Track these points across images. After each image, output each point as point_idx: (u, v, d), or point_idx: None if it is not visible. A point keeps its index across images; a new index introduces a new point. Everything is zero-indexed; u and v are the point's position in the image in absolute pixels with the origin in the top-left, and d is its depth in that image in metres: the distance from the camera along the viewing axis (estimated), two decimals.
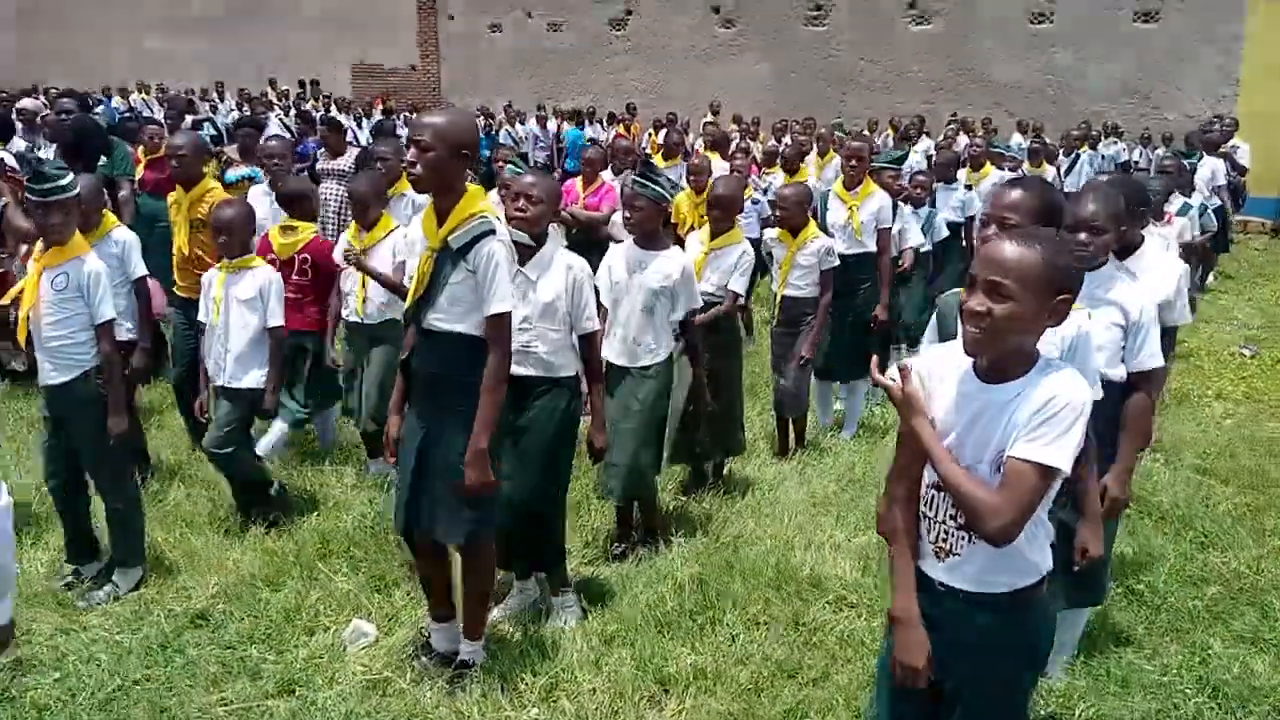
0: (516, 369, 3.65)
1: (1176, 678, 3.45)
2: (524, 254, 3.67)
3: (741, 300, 4.99)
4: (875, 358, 2.34)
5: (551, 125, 18.45)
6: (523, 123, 18.38)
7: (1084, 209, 3.13)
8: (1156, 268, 3.82)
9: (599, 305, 4.30)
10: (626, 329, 4.23)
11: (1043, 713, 3.26)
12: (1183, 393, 7.25)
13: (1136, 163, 13.80)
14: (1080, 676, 3.45)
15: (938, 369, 2.17)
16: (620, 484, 4.21)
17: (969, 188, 8.47)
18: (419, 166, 3.02)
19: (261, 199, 5.77)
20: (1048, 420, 1.97)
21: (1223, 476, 5.47)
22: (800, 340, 5.48)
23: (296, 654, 3.57)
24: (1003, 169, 9.64)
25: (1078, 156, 11.97)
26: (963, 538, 2.12)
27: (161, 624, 3.73)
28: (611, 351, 4.27)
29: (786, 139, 14.03)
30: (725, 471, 5.29)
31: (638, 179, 4.24)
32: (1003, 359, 2.06)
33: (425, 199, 3.25)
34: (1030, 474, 1.97)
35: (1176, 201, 7.62)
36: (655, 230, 4.31)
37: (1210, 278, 11.29)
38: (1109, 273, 3.27)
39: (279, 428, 5.32)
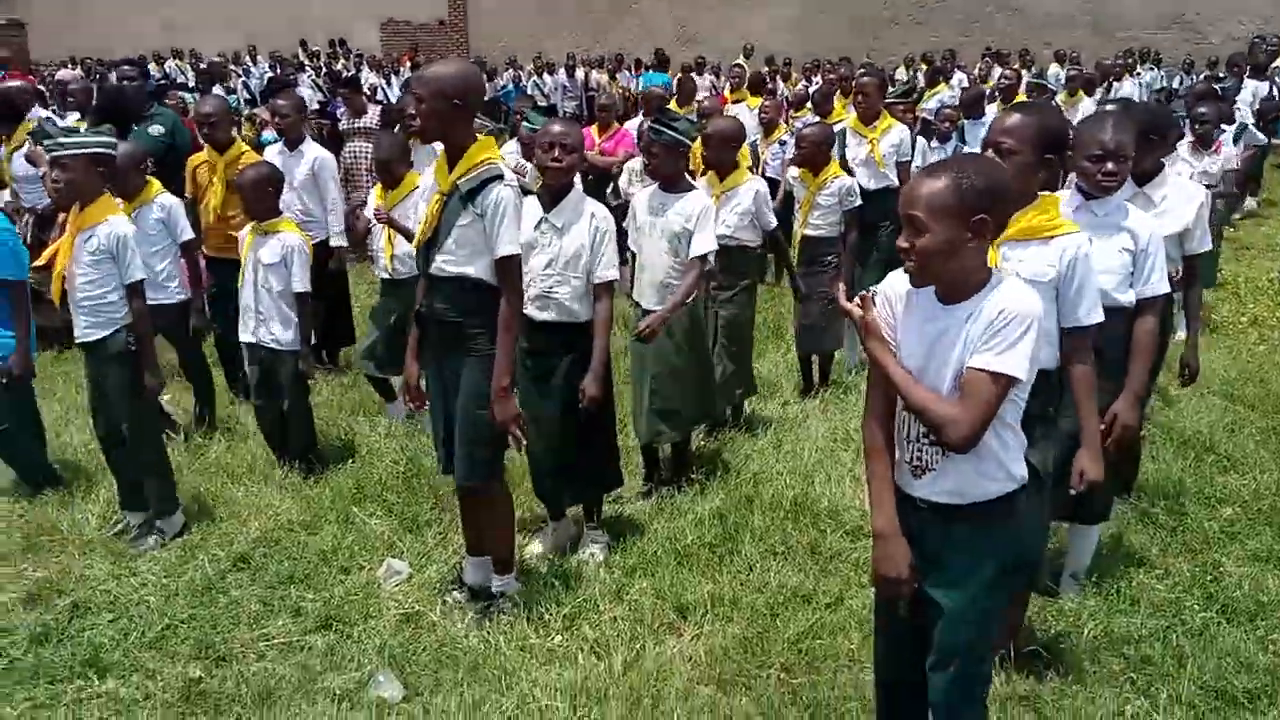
0: (540, 314, 3.77)
1: (1186, 595, 3.51)
2: (551, 201, 3.76)
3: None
4: (842, 284, 2.40)
5: (580, 74, 18.37)
6: (551, 73, 18.32)
7: (1112, 139, 3.11)
8: (1177, 195, 3.80)
9: (626, 249, 4.40)
10: (653, 272, 4.30)
11: (1052, 631, 3.34)
12: (1217, 321, 7.17)
13: (1176, 90, 13.44)
14: (1090, 596, 3.51)
15: (903, 291, 2.24)
16: (667, 423, 4.34)
17: None
18: (418, 118, 3.14)
19: (274, 156, 5.87)
20: (999, 331, 2.06)
21: (1250, 402, 5.44)
22: (825, 278, 5.51)
23: (334, 592, 3.74)
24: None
25: (1110, 86, 11.68)
26: (937, 452, 2.20)
27: (206, 568, 3.92)
28: (641, 294, 4.36)
29: (817, 79, 13.87)
30: (748, 410, 5.37)
31: (653, 125, 4.28)
32: (952, 283, 2.14)
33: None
34: (986, 382, 2.06)
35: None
36: (677, 174, 4.33)
37: (1253, 203, 11.05)
38: (1118, 200, 3.27)
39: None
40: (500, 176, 3.20)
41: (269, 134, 7.17)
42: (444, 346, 3.37)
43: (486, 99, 11.16)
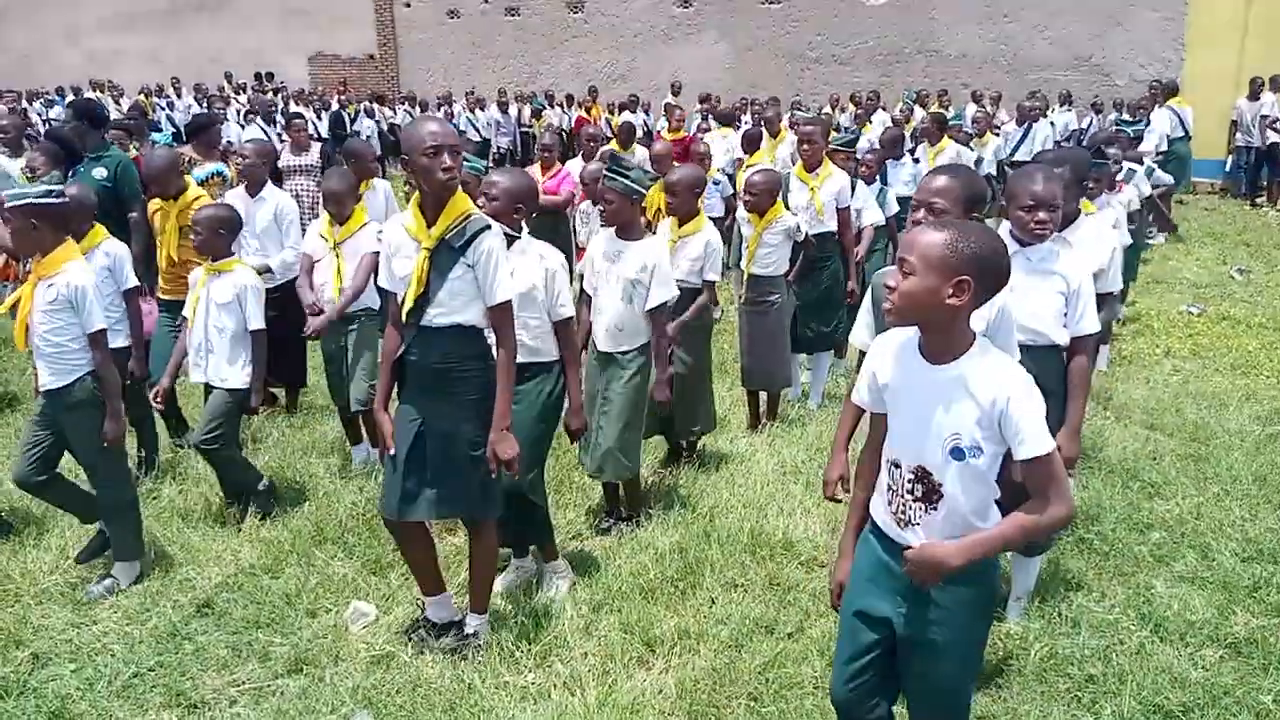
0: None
1: (1122, 616, 3.74)
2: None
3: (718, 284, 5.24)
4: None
5: (513, 111, 18.53)
6: (483, 109, 18.44)
7: (1046, 189, 3.35)
8: (1092, 239, 4.10)
9: (583, 293, 4.53)
10: (608, 317, 4.44)
11: (1000, 654, 3.53)
12: (1134, 353, 7.58)
13: (1086, 130, 14.12)
14: (1034, 620, 3.72)
15: (891, 348, 2.42)
16: (606, 464, 4.44)
17: (916, 161, 8.72)
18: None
19: (237, 201, 5.87)
20: (1016, 422, 2.20)
21: (1169, 430, 5.78)
22: (770, 316, 5.71)
23: (301, 636, 3.76)
24: (955, 140, 9.91)
25: (1030, 127, 12.24)
26: (920, 509, 2.36)
27: (169, 614, 3.90)
28: (596, 338, 4.49)
29: (746, 117, 14.25)
30: (699, 446, 5.52)
31: (608, 173, 4.42)
32: (934, 337, 2.30)
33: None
34: (1048, 462, 2.22)
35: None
36: (631, 221, 4.46)
37: (1160, 238, 11.67)
38: (1050, 246, 3.52)
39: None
40: (489, 227, 3.31)
41: (199, 171, 7.11)
42: (435, 393, 3.41)
43: None
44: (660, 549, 4.31)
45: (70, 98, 19.26)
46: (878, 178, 7.97)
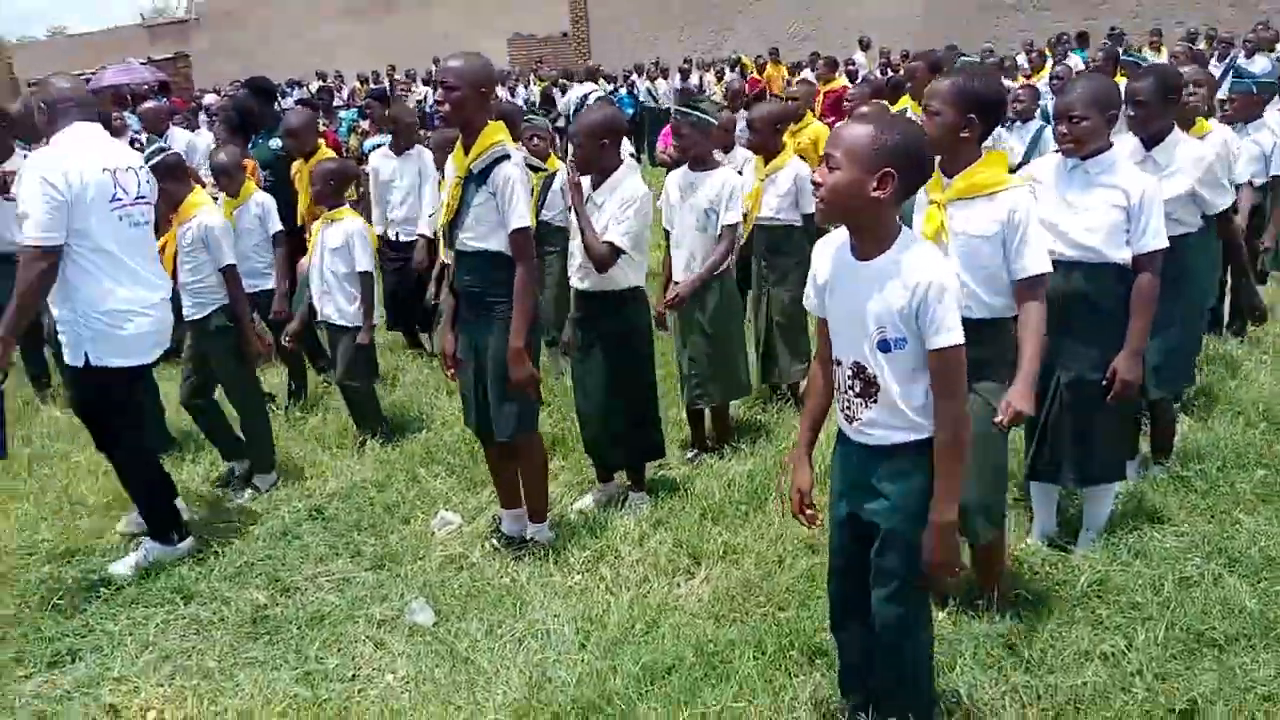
0: (580, 283, 4.09)
1: (1194, 550, 3.51)
2: (597, 181, 4.05)
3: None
4: None
5: (694, 79, 18.67)
6: (665, 79, 18.69)
7: (1062, 100, 3.30)
8: (1183, 157, 3.83)
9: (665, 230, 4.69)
10: (685, 248, 4.57)
11: (1049, 581, 3.41)
12: None
13: None
14: (1098, 550, 3.56)
15: (828, 250, 2.48)
16: (699, 391, 4.64)
17: None
18: (447, 104, 3.48)
19: (382, 159, 6.43)
20: (933, 310, 2.24)
21: None
22: None
23: (390, 539, 4.17)
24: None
25: (1232, 62, 11.12)
26: (860, 404, 2.41)
27: (285, 517, 4.41)
28: (676, 270, 4.63)
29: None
30: (802, 388, 5.53)
31: (679, 109, 4.54)
32: (861, 233, 2.33)
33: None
34: (951, 357, 2.27)
35: None
36: (705, 153, 4.59)
37: None
38: (1110, 158, 3.35)
39: None
40: (508, 156, 3.51)
41: (370, 142, 7.81)
42: (472, 315, 3.71)
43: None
44: (731, 476, 4.41)
45: (298, 89, 21.21)
46: (1037, 114, 7.60)
